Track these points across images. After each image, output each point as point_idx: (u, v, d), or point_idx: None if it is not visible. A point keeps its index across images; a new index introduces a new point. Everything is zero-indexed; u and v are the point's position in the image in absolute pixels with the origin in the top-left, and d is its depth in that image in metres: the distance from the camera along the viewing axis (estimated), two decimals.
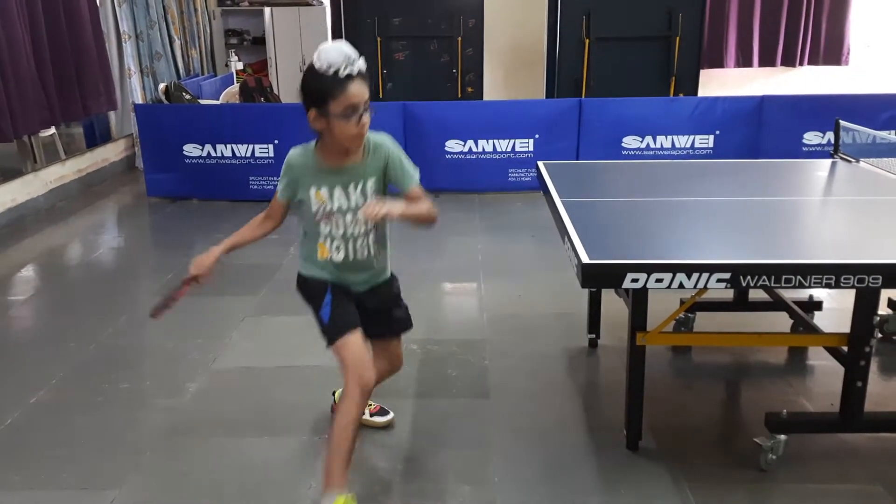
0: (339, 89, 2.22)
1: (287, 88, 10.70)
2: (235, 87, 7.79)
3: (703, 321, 3.70)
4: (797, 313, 3.35)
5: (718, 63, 11.56)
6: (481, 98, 10.19)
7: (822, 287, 2.39)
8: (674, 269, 2.35)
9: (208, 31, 10.77)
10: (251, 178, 6.86)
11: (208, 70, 10.61)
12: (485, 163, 7.11)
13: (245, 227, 2.61)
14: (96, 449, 2.95)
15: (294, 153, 2.47)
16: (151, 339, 4.02)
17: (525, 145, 7.23)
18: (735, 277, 2.36)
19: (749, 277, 2.36)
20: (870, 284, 2.33)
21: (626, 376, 2.82)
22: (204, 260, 2.50)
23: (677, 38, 9.21)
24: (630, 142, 7.26)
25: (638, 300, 2.69)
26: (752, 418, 3.02)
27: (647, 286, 2.37)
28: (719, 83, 11.17)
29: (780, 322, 3.69)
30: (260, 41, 11.64)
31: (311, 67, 2.26)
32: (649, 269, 2.35)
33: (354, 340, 2.43)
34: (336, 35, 10.38)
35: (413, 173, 2.48)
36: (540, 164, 3.97)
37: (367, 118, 2.29)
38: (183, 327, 3.99)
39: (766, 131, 7.13)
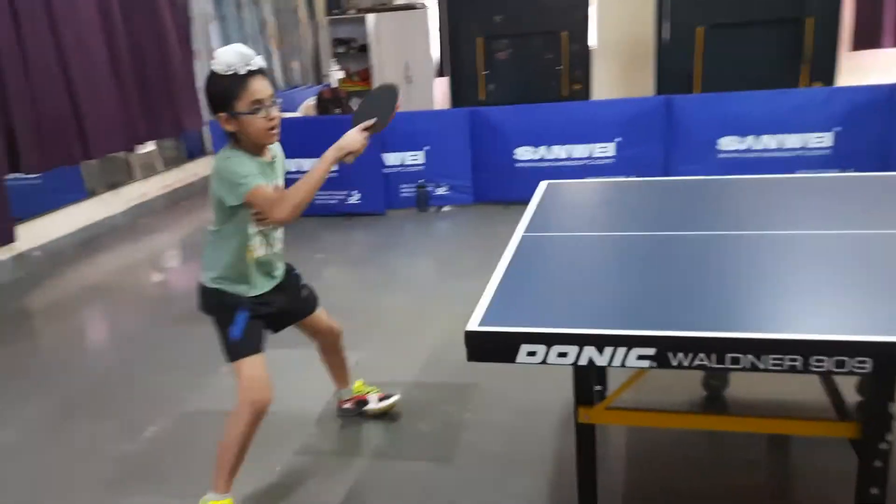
0: (241, 87, 2.31)
1: None
2: (313, 99, 7.70)
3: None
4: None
5: (872, 42, 10.08)
6: (587, 98, 9.54)
7: (786, 371, 1.75)
8: (579, 340, 1.82)
9: (312, 41, 10.86)
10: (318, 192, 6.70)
11: (312, 81, 10.71)
12: (559, 171, 6.54)
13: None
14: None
15: (232, 154, 2.41)
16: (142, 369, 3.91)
17: (605, 150, 6.58)
18: (661, 354, 1.79)
19: (682, 355, 1.78)
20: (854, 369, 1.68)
21: (576, 457, 2.28)
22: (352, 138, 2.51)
23: (810, 19, 8.10)
24: (728, 143, 6.41)
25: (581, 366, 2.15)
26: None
27: (548, 361, 1.85)
28: (873, 67, 9.68)
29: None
30: (366, 49, 11.59)
31: (212, 73, 2.36)
32: (549, 339, 1.84)
33: (259, 362, 2.52)
34: (442, 37, 10.13)
35: None
36: (544, 183, 3.46)
37: (275, 111, 2.38)
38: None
39: None
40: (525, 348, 1.86)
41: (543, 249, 2.55)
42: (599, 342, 1.82)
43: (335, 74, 10.53)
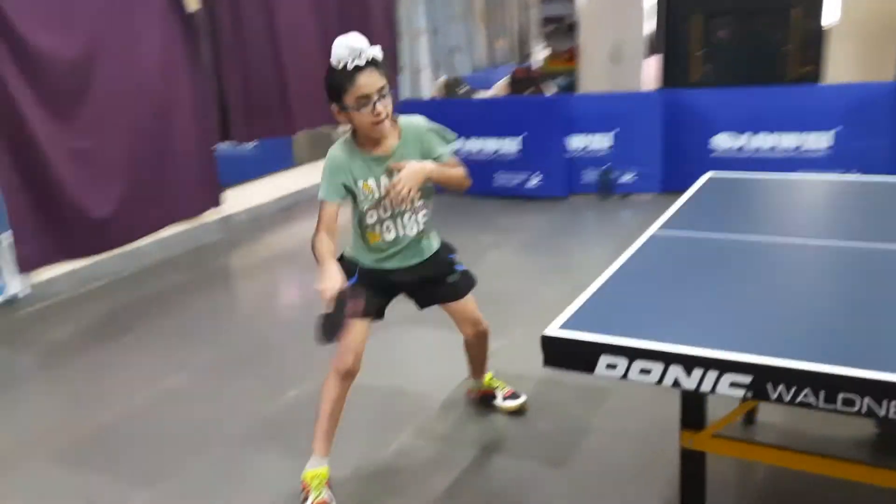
0: (349, 82, 2.29)
1: (593, 76, 10.25)
2: (507, 78, 7.66)
3: None
4: None
5: None
6: (816, 81, 8.57)
7: None
8: (665, 358, 1.61)
9: (519, 19, 10.79)
10: (496, 173, 6.69)
11: (517, 59, 10.66)
12: (760, 163, 5.94)
13: (325, 243, 2.43)
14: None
15: (336, 151, 2.49)
16: None
17: (819, 142, 5.87)
18: (759, 385, 1.53)
19: (783, 388, 1.51)
20: None
21: (679, 486, 2.05)
22: (330, 277, 2.29)
23: None
24: None
25: None
26: None
27: (629, 377, 1.66)
28: None
29: None
30: (574, 27, 11.31)
31: (329, 66, 2.36)
32: (631, 353, 1.65)
33: (354, 328, 2.45)
34: (659, 14, 9.61)
35: (446, 143, 2.54)
36: (708, 174, 3.15)
37: (381, 106, 2.33)
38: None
39: None
40: (605, 360, 1.68)
41: (669, 250, 2.30)
42: (688, 363, 1.60)
43: (540, 53, 10.40)
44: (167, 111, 5.49)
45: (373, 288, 2.57)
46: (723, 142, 6.09)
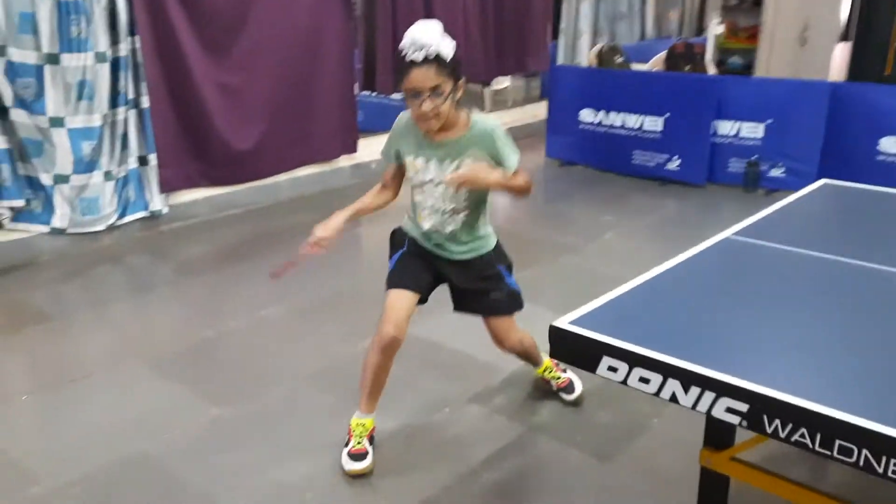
0: (404, 73, 2.31)
1: (775, 59, 9.50)
2: (664, 53, 7.28)
3: None
4: None
5: None
6: None
7: None
8: (664, 370, 1.54)
9: None
10: (635, 151, 6.44)
11: (691, 33, 10.10)
12: None
13: (366, 195, 2.70)
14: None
15: (401, 118, 2.56)
16: None
17: None
18: (755, 414, 1.43)
19: (778, 422, 1.40)
20: None
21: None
22: (328, 224, 2.55)
23: None
24: None
25: None
26: None
27: (629, 383, 1.60)
28: None
29: None
30: (760, 3, 10.49)
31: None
32: (632, 359, 1.59)
33: (397, 296, 2.55)
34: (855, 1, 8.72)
35: (513, 156, 2.45)
36: (821, 181, 2.90)
37: (428, 105, 2.30)
38: None
39: None
40: (606, 361, 1.63)
41: (728, 258, 2.15)
42: (686, 378, 1.51)
43: (715, 28, 9.77)
44: (315, 56, 5.73)
45: (422, 260, 2.62)
46: (891, 146, 5.49)
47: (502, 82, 8.63)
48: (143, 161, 4.96)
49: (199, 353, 3.48)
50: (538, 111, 8.44)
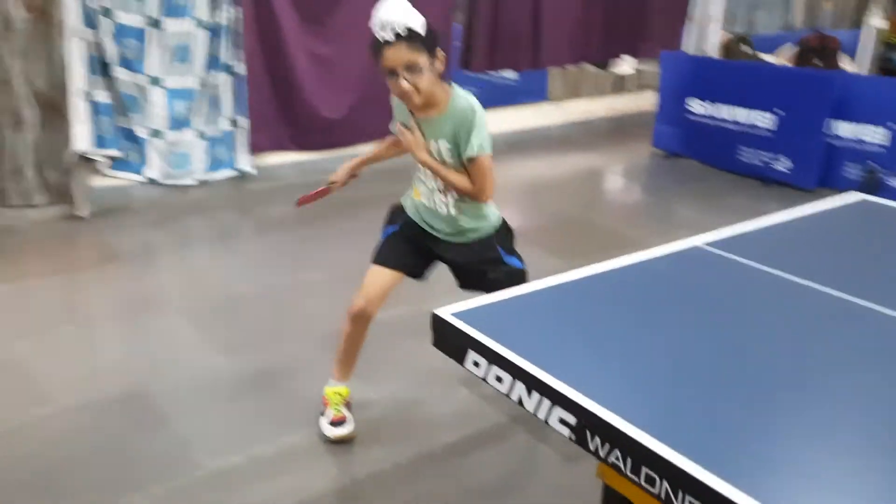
0: (378, 52, 2.31)
1: None
2: (793, 46, 6.70)
3: None
4: None
5: None
6: None
7: None
8: (514, 371, 1.49)
9: None
10: (742, 147, 6.02)
11: (847, 25, 9.21)
12: None
13: (379, 145, 2.88)
14: None
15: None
16: None
17: None
18: (581, 430, 1.35)
19: (598, 440, 1.32)
20: None
21: None
22: (341, 169, 2.83)
23: None
24: None
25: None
26: None
27: (487, 380, 1.56)
28: None
29: None
30: None
31: None
32: (492, 357, 1.54)
33: (376, 272, 2.61)
34: None
35: (475, 144, 2.35)
36: (851, 195, 2.62)
37: (405, 82, 2.29)
38: None
39: None
40: (472, 356, 1.59)
41: (676, 267, 2.00)
42: (530, 383, 1.45)
43: (875, 22, 8.85)
44: None
45: (410, 243, 2.62)
46: None
47: (626, 66, 8.31)
48: (234, 123, 5.27)
49: (231, 306, 3.70)
50: (649, 100, 8.08)
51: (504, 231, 2.62)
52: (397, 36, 2.25)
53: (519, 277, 2.59)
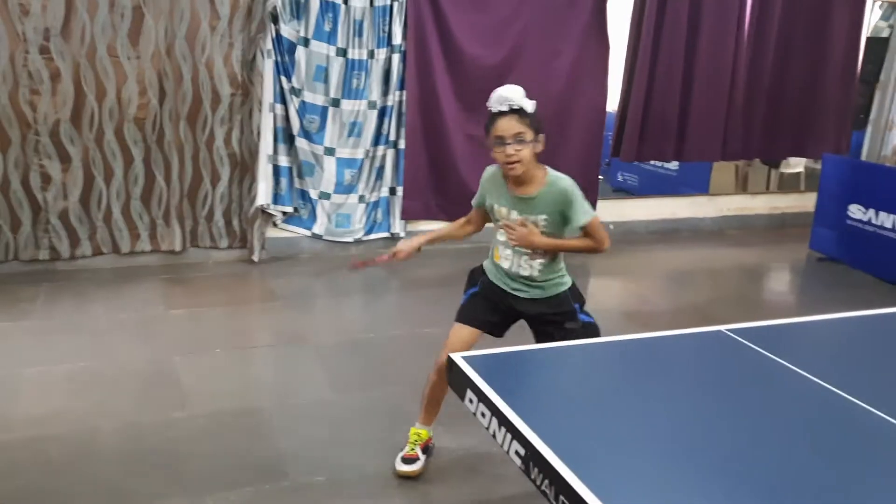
0: (492, 123, 2.69)
1: None
2: None
3: None
4: None
5: None
6: None
7: None
8: (495, 411, 1.78)
9: None
10: None
11: None
12: None
13: (450, 224, 3.26)
14: None
15: (487, 171, 2.95)
16: None
17: None
18: (527, 462, 1.62)
19: (537, 472, 1.58)
20: None
21: None
22: (407, 243, 3.10)
23: None
24: None
25: None
26: None
27: (477, 416, 1.87)
28: None
29: None
30: None
31: None
32: (481, 397, 1.85)
33: (458, 330, 2.91)
34: None
35: (583, 211, 2.70)
36: None
37: (512, 149, 2.63)
38: None
39: None
40: (469, 394, 1.90)
41: (692, 347, 2.16)
42: (501, 418, 1.74)
43: None
44: (566, 121, 6.18)
45: (489, 302, 2.91)
46: None
47: (797, 165, 8.14)
48: (392, 191, 5.93)
49: (353, 348, 4.20)
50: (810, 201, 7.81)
51: (576, 291, 2.88)
52: (511, 109, 2.62)
53: (593, 330, 2.82)
